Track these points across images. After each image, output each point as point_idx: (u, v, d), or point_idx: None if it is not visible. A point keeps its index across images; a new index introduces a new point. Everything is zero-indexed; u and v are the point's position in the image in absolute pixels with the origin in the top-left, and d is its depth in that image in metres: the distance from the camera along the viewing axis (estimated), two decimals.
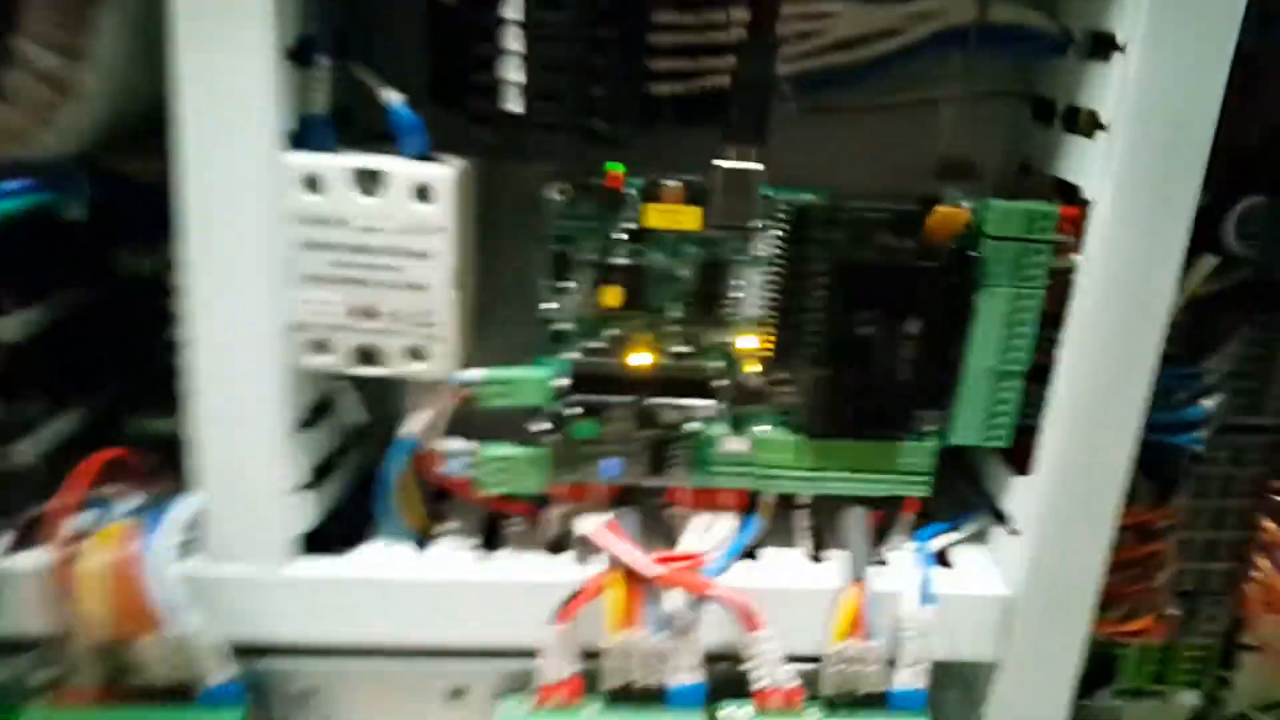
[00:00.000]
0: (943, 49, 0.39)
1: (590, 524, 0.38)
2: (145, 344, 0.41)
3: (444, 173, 0.33)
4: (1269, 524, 0.45)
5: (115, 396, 0.43)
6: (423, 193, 0.33)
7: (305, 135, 0.34)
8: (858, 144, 0.42)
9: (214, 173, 0.33)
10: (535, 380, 0.37)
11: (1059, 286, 0.37)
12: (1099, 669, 0.47)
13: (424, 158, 0.33)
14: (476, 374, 0.37)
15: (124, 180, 0.39)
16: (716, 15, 0.35)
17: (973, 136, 0.43)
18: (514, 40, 0.31)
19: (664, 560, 0.38)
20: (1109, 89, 0.35)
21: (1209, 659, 0.48)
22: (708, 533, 0.40)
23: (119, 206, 0.38)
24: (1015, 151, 0.43)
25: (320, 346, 0.35)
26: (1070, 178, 0.38)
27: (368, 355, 0.35)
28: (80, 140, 0.34)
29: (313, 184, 0.33)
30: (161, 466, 0.42)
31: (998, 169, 0.44)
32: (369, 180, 0.33)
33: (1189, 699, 0.49)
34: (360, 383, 0.39)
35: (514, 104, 0.32)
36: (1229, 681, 0.49)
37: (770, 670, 0.38)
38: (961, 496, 0.44)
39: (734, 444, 0.39)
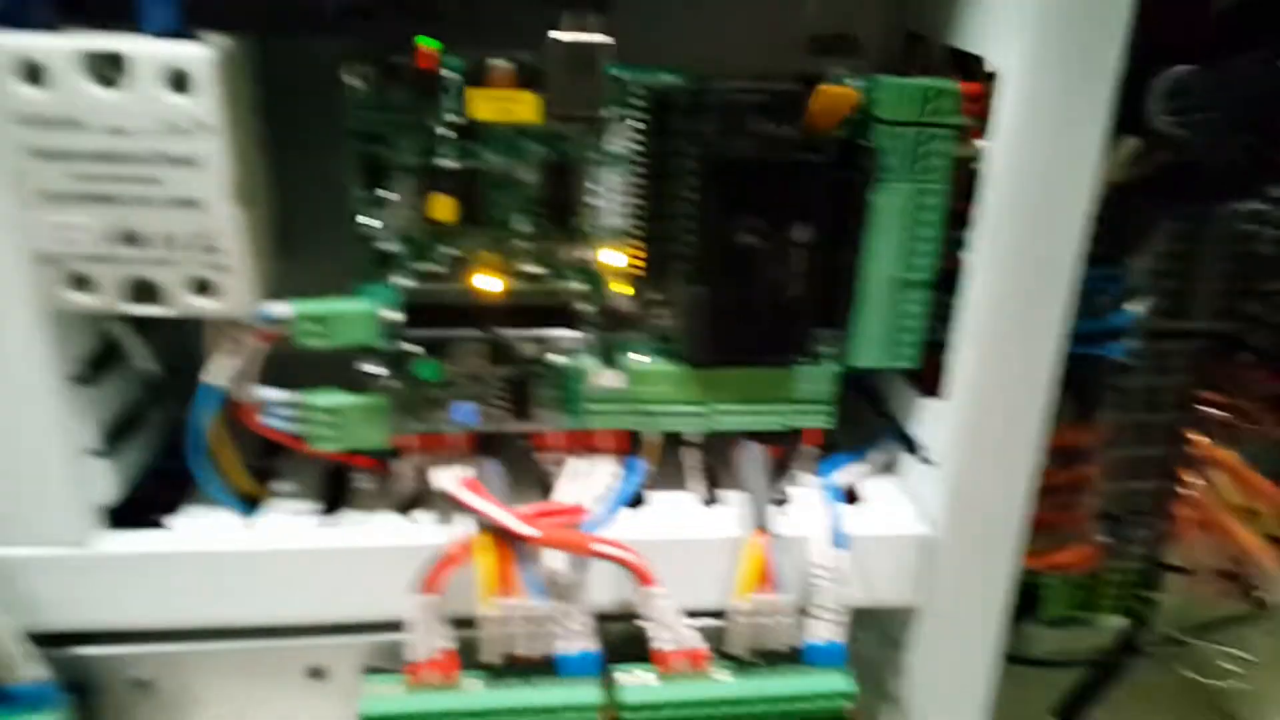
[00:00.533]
0: None
1: (448, 478, 0.33)
2: None
3: (202, 53, 0.26)
4: (1198, 438, 0.41)
5: None
6: (178, 81, 0.26)
7: (14, 8, 0.26)
8: (716, 16, 0.36)
9: None
10: (358, 314, 0.31)
11: (964, 179, 0.32)
12: (1022, 597, 0.44)
13: (175, 34, 0.27)
14: (285, 308, 0.30)
15: None
16: None
17: (847, 6, 0.38)
18: None
19: (539, 515, 0.32)
20: None
21: (1136, 583, 0.45)
22: (586, 480, 0.35)
23: None
24: (898, 20, 0.38)
25: (80, 282, 0.29)
26: (970, 47, 0.32)
27: (143, 291, 0.29)
28: None
29: (33, 74, 0.26)
30: None
31: (879, 41, 0.38)
32: (107, 66, 0.26)
33: (1115, 623, 0.46)
34: (148, 324, 0.32)
35: None
36: (1155, 604, 0.46)
37: (670, 630, 0.33)
38: (863, 421, 0.40)
39: (606, 378, 0.33)
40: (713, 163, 0.30)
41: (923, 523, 0.36)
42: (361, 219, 0.31)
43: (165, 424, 0.37)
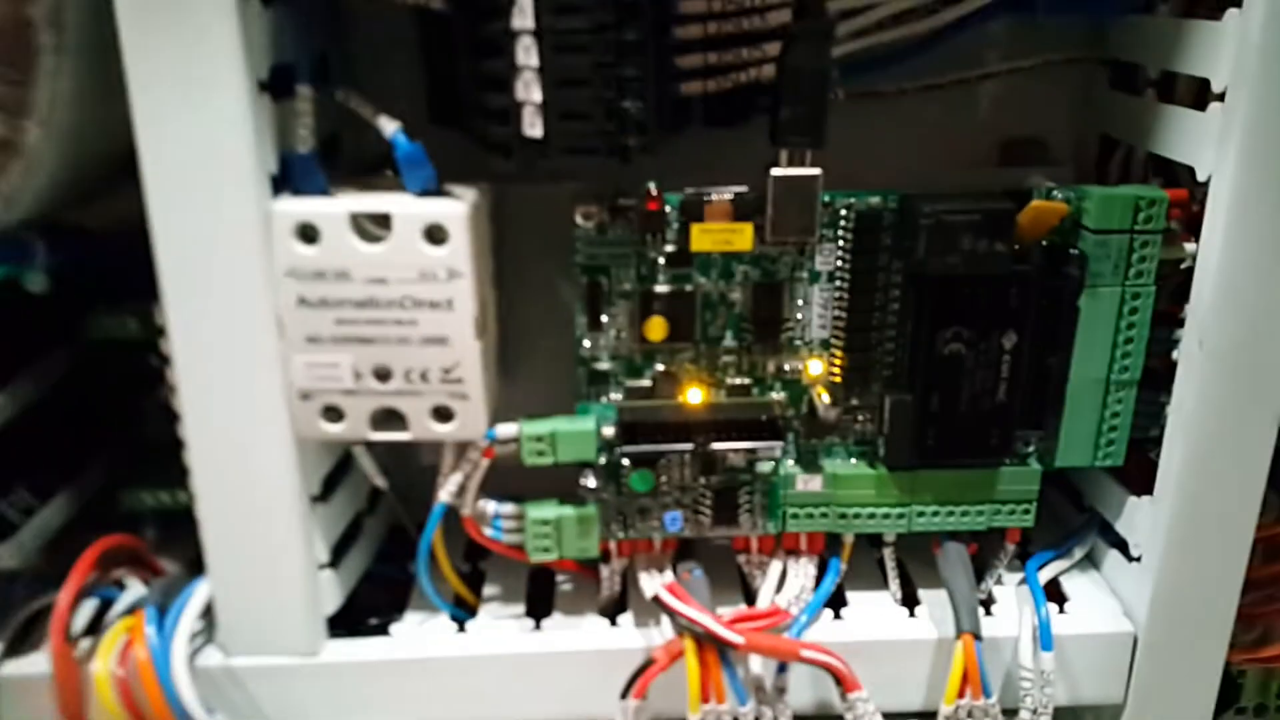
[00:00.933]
0: (1008, 15, 0.34)
1: (655, 584, 0.34)
2: (133, 410, 0.37)
3: (457, 209, 0.28)
4: None
5: (108, 472, 0.38)
6: (433, 233, 0.28)
7: (291, 176, 0.29)
8: (906, 130, 0.37)
9: (190, 228, 0.28)
10: (580, 433, 0.32)
11: (1169, 280, 0.32)
12: (1221, 687, 0.43)
13: (431, 192, 0.29)
14: (512, 429, 0.32)
15: (88, 237, 0.35)
16: None
17: (1036, 112, 0.38)
18: (528, 54, 0.26)
19: (742, 620, 0.33)
20: (1221, 52, 0.29)
21: None
22: (785, 582, 0.35)
23: (86, 266, 0.34)
24: (1088, 125, 0.38)
25: (332, 414, 0.31)
26: (1173, 155, 0.33)
27: (387, 419, 0.31)
28: (32, 205, 0.30)
29: (307, 233, 0.29)
30: (164, 543, 0.39)
31: (1068, 146, 0.39)
32: (371, 223, 0.29)
33: None
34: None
35: (534, 128, 0.27)
36: None
37: None
38: (1059, 512, 0.40)
39: (808, 483, 0.34)
40: (923, 279, 0.31)
41: (1127, 620, 0.35)
42: (581, 342, 0.32)
43: (380, 532, 0.39)
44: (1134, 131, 0.35)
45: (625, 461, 0.33)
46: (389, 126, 0.29)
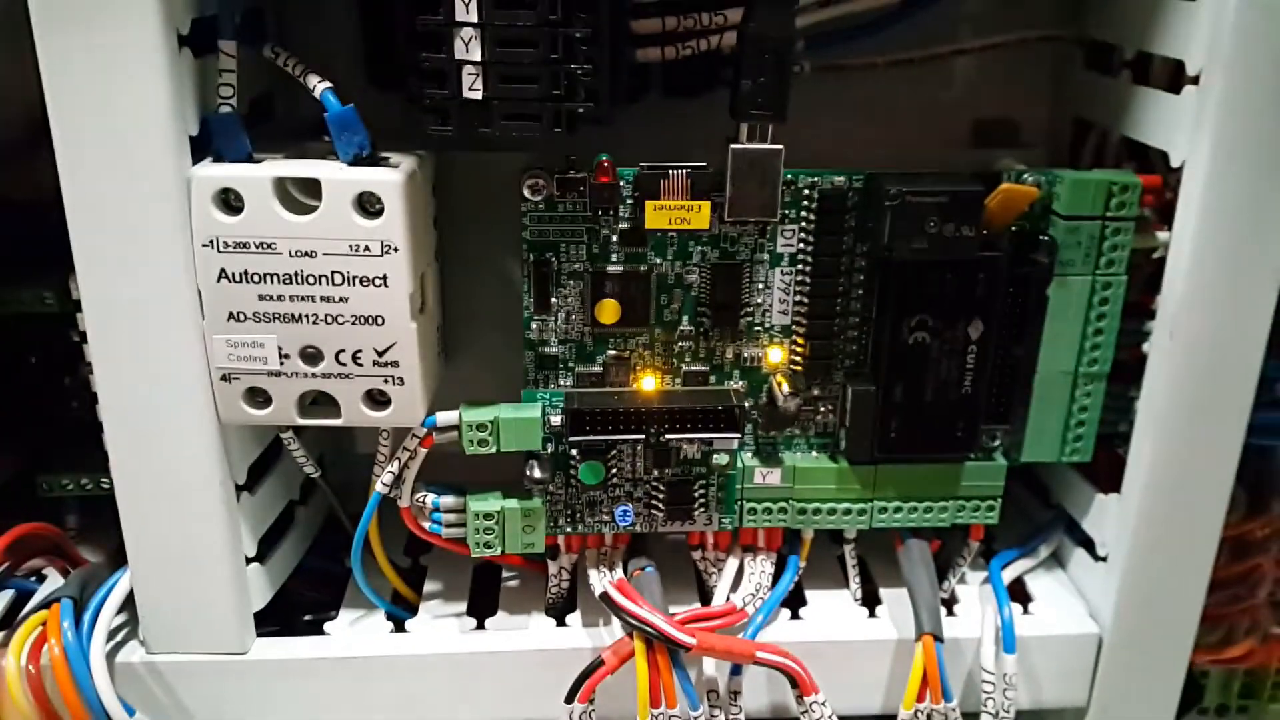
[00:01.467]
0: None
1: (604, 582, 0.32)
2: (54, 389, 0.35)
3: (391, 177, 0.26)
4: None
5: (27, 455, 0.36)
6: (366, 203, 0.26)
7: (213, 139, 0.27)
8: (874, 107, 0.36)
9: (103, 193, 0.26)
10: (525, 421, 0.30)
11: (1141, 270, 0.31)
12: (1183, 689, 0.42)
13: (364, 159, 0.27)
14: (452, 416, 0.30)
15: (4, 204, 0.32)
16: None
17: (1010, 92, 0.37)
18: (467, 8, 0.24)
19: (695, 619, 0.31)
20: (1196, 33, 0.28)
21: None
22: (741, 579, 0.34)
23: (2, 236, 0.32)
24: (1062, 107, 0.37)
25: (257, 397, 0.29)
26: (1147, 139, 0.31)
27: (318, 403, 0.29)
28: None
29: (228, 201, 0.26)
30: (88, 532, 0.37)
31: (1042, 128, 0.38)
32: (300, 192, 0.27)
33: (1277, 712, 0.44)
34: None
35: (473, 90, 0.25)
36: None
37: None
38: (1023, 507, 0.39)
39: (766, 476, 0.32)
40: (888, 263, 0.29)
41: (1092, 621, 0.34)
42: (531, 324, 0.31)
43: (314, 523, 0.37)
44: (1108, 114, 0.34)
45: (574, 452, 0.31)
46: (319, 86, 0.27)
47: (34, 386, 0.35)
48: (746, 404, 0.32)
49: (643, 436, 0.31)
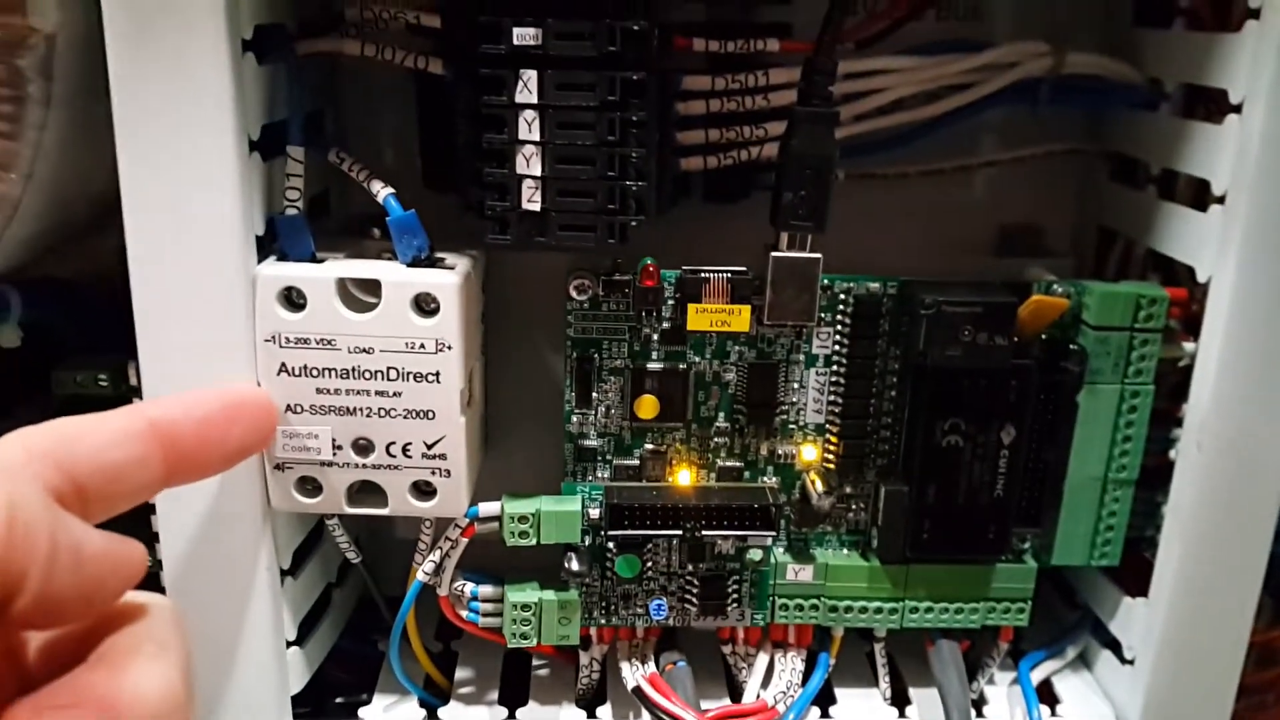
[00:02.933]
0: (1010, 104, 0.34)
1: (637, 675, 0.32)
2: None
3: (448, 280, 0.27)
4: None
5: None
6: (423, 303, 0.28)
7: (278, 239, 0.28)
8: (904, 214, 0.37)
9: (170, 287, 0.27)
10: (565, 515, 0.31)
11: (1167, 379, 0.32)
12: None
13: (422, 260, 0.28)
14: (494, 507, 0.31)
15: (63, 288, 0.33)
16: (753, 77, 0.30)
17: (1036, 200, 0.38)
18: (530, 128, 0.26)
19: (726, 716, 0.32)
20: (1222, 154, 0.30)
21: None
22: (771, 675, 0.34)
23: (59, 318, 0.33)
24: (1087, 216, 0.38)
25: (309, 485, 0.29)
26: (1173, 253, 0.33)
27: (364, 492, 0.30)
28: (11, 256, 0.29)
29: (292, 299, 0.28)
30: None
31: (1067, 236, 0.39)
32: (358, 289, 0.28)
33: None
34: None
35: (532, 203, 0.26)
36: None
37: None
38: (1049, 607, 0.39)
39: (799, 573, 0.33)
40: (922, 368, 0.30)
41: None
42: (572, 418, 0.32)
43: (348, 605, 0.37)
44: (1134, 226, 0.35)
45: (610, 545, 0.32)
46: (382, 191, 0.28)
47: None
48: (779, 500, 0.32)
49: (680, 532, 0.31)
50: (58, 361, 0.34)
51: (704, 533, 0.31)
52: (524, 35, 0.25)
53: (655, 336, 0.31)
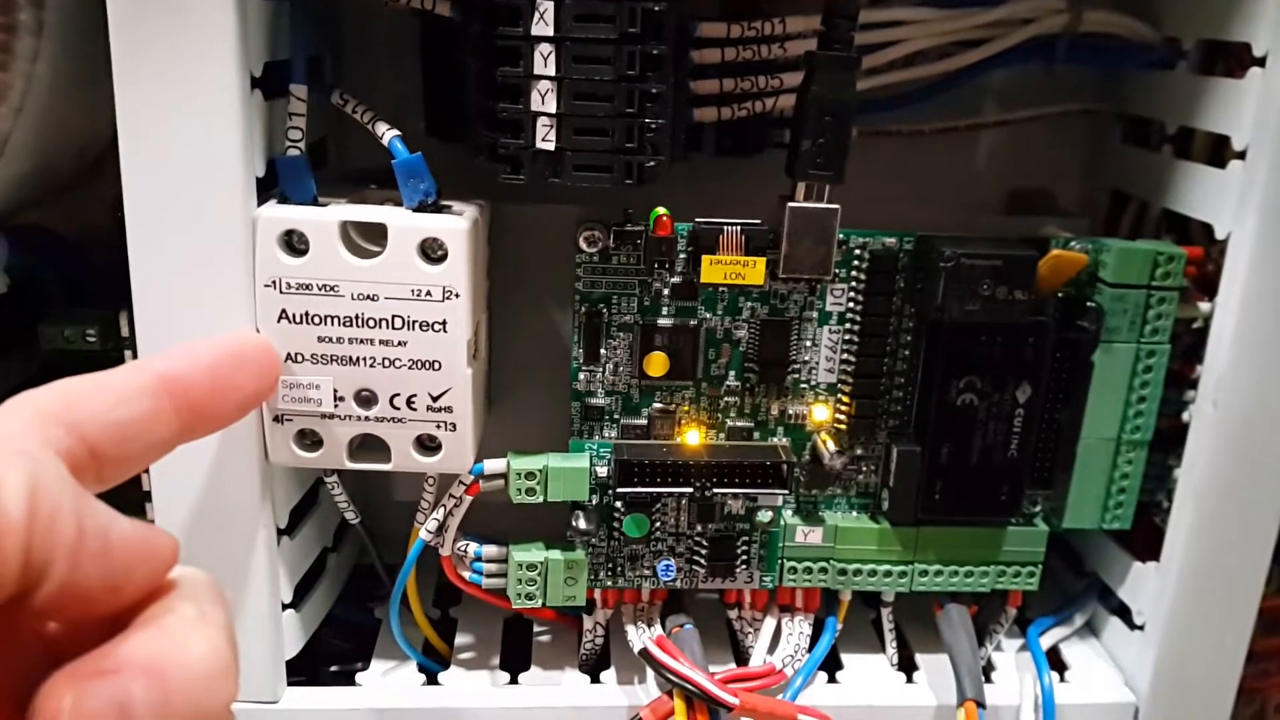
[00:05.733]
0: (1026, 62, 0.34)
1: (644, 638, 0.32)
2: None
3: (457, 225, 0.27)
4: None
5: None
6: (430, 249, 0.27)
7: (280, 181, 0.27)
8: (912, 174, 0.37)
9: (168, 229, 0.26)
10: (573, 471, 0.30)
11: (1180, 340, 0.32)
12: None
13: (428, 205, 0.27)
14: (500, 464, 0.30)
15: (53, 237, 0.32)
16: (770, 25, 0.30)
17: (1045, 164, 0.38)
18: (545, 63, 0.25)
19: (734, 680, 0.31)
20: (1243, 109, 0.29)
21: None
22: (778, 640, 0.33)
23: (48, 269, 0.32)
24: (1099, 179, 0.38)
25: (308, 439, 0.28)
26: (1190, 211, 0.32)
27: (365, 447, 0.29)
28: (2, 200, 0.28)
29: (291, 242, 0.27)
30: None
31: (1077, 200, 0.38)
32: (361, 236, 0.27)
33: None
34: None
35: (547, 141, 0.25)
36: None
37: None
38: (1054, 575, 0.38)
39: (808, 535, 0.32)
40: (939, 324, 0.30)
41: (1128, 690, 0.34)
42: (579, 375, 0.31)
43: (343, 571, 0.36)
44: (1148, 187, 0.35)
45: (618, 504, 0.31)
46: (388, 133, 0.27)
47: None
48: (790, 461, 0.32)
49: (690, 490, 0.30)
50: (44, 316, 0.33)
51: (715, 490, 0.30)
52: None
53: (666, 291, 0.30)
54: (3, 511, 0.15)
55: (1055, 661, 0.35)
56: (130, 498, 0.32)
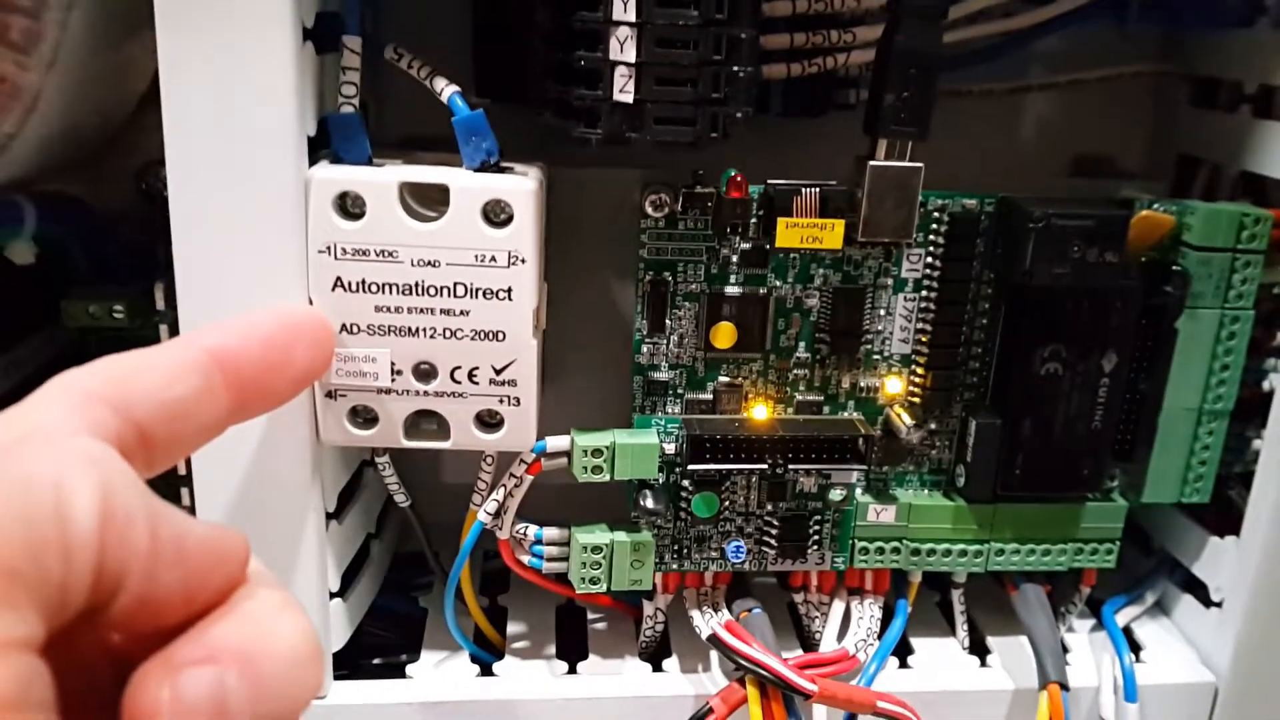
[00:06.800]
0: (1097, 21, 0.33)
1: (712, 623, 0.30)
2: None
3: (523, 185, 0.25)
4: None
5: None
6: (493, 212, 0.25)
7: (332, 140, 0.25)
8: (972, 134, 0.35)
9: (213, 193, 0.24)
10: (642, 448, 0.28)
11: (1261, 305, 0.30)
12: None
13: (489, 166, 0.25)
14: (563, 441, 0.28)
15: (83, 207, 0.30)
16: None
17: (1109, 129, 0.37)
18: (625, 8, 0.23)
19: (807, 665, 0.29)
20: None
21: None
22: (848, 624, 0.32)
23: (77, 240, 0.30)
24: (1165, 144, 0.36)
25: (360, 417, 0.27)
26: (1276, 173, 0.31)
27: (420, 425, 0.27)
28: (29, 159, 0.26)
29: (348, 206, 0.25)
30: None
31: (1140, 166, 0.37)
32: (418, 201, 0.25)
33: None
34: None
35: (624, 91, 0.24)
36: None
37: None
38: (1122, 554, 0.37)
39: (880, 514, 0.31)
40: (1023, 289, 0.28)
41: (1206, 669, 0.33)
42: (643, 348, 0.29)
43: (386, 559, 0.35)
44: (1223, 151, 0.33)
45: (686, 483, 0.29)
46: (447, 89, 0.26)
47: None
48: (864, 437, 0.30)
49: (764, 467, 0.29)
50: (69, 291, 0.31)
51: (791, 467, 0.29)
52: None
53: (735, 258, 0.29)
54: (74, 524, 0.14)
55: (1130, 642, 0.34)
56: (165, 480, 0.30)
